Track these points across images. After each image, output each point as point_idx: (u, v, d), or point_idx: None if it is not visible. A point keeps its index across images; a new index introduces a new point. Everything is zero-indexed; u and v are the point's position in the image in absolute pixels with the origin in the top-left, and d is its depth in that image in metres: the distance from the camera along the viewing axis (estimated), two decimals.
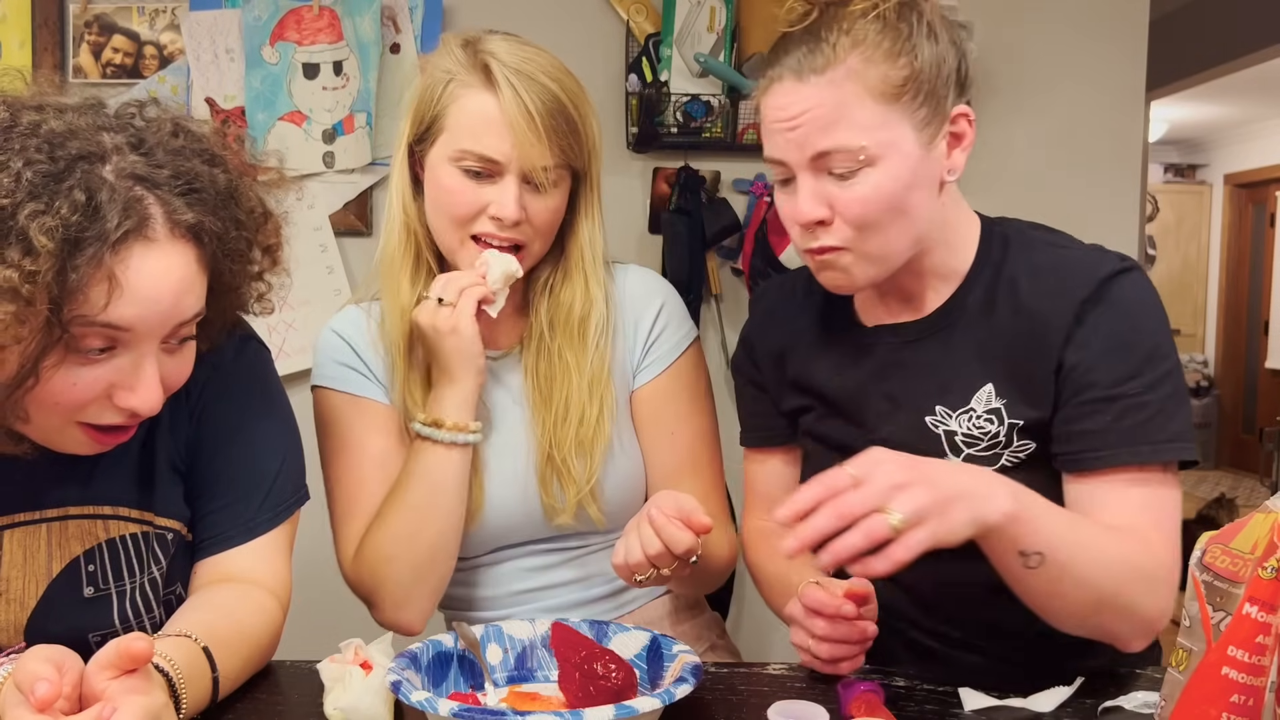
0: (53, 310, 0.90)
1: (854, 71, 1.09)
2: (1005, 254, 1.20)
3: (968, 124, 1.16)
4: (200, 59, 2.53)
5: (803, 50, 1.11)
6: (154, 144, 0.99)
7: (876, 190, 1.10)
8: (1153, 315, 1.14)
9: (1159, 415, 1.10)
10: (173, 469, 1.15)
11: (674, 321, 1.42)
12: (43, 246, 0.88)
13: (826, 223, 1.13)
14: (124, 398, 0.98)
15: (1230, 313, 8.47)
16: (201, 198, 0.99)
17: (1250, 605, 0.81)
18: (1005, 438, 1.16)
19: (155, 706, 0.85)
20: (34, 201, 0.90)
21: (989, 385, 1.17)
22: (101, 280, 0.92)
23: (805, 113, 1.10)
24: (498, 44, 1.28)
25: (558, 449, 1.32)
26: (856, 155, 1.09)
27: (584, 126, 1.30)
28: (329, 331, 1.39)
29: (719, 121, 2.50)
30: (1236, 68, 4.49)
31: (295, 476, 1.21)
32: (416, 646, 1.07)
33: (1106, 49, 2.55)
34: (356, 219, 2.59)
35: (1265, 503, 0.84)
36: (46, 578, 1.09)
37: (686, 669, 1.00)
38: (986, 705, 1.05)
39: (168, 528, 1.14)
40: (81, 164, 0.93)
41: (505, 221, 1.26)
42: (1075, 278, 1.14)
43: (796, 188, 1.14)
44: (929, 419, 1.19)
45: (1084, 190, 2.54)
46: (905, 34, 1.11)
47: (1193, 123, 7.74)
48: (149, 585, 1.14)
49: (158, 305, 0.96)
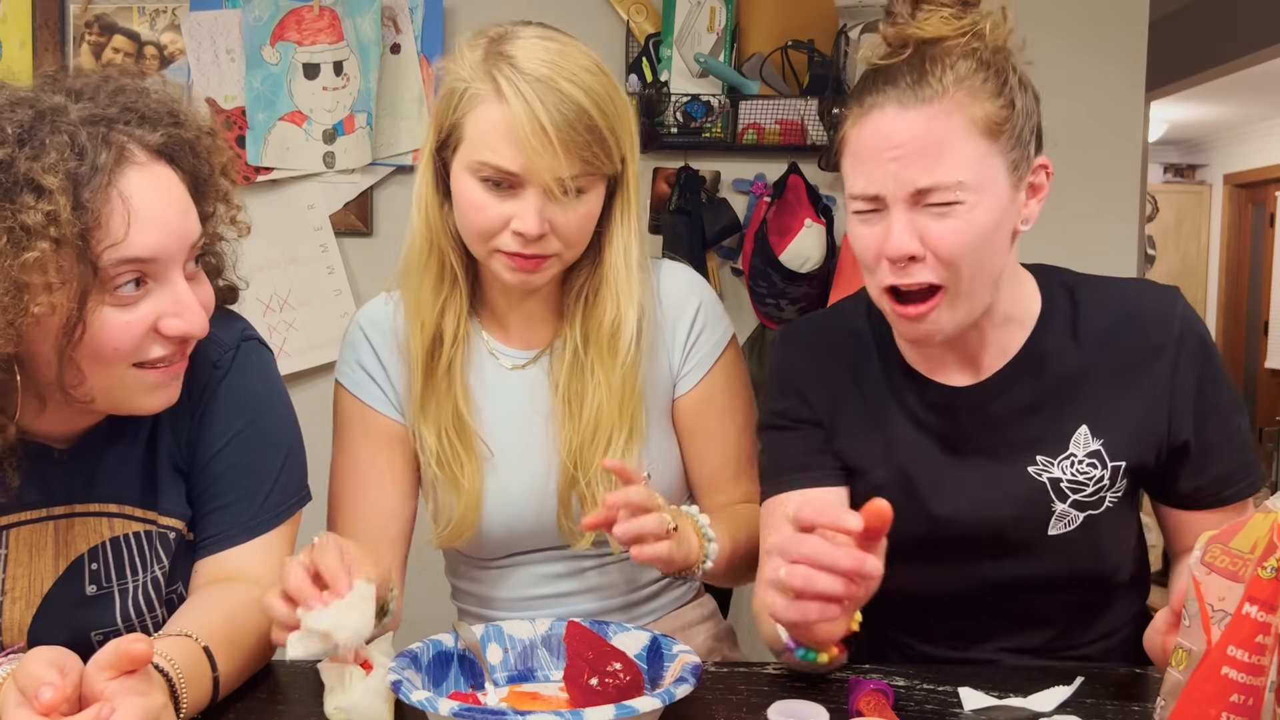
0: (80, 250, 0.94)
1: (960, 104, 1.09)
2: (1073, 297, 1.22)
3: (1046, 176, 1.17)
4: (201, 59, 2.53)
5: (907, 80, 1.09)
6: (91, 92, 1.03)
7: (971, 225, 1.09)
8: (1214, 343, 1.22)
9: (1250, 442, 1.21)
10: (175, 468, 1.15)
11: (711, 321, 1.38)
12: (51, 185, 0.93)
13: (918, 258, 1.10)
14: (171, 325, 1.02)
15: (1230, 313, 8.47)
16: (154, 124, 1.03)
17: (1250, 605, 0.81)
18: (1110, 480, 1.19)
19: (154, 707, 0.86)
20: (26, 148, 0.94)
21: (1083, 426, 1.18)
22: (114, 208, 0.96)
23: (910, 141, 1.08)
24: (520, 46, 1.21)
25: (583, 471, 1.29)
26: (957, 189, 1.08)
27: (613, 131, 1.23)
28: (355, 325, 1.38)
29: (719, 121, 2.50)
30: (1236, 68, 4.49)
31: (297, 476, 1.21)
32: (417, 646, 1.07)
33: (1106, 49, 2.55)
34: (357, 219, 2.59)
35: (1265, 502, 0.84)
36: (52, 575, 1.10)
37: (686, 669, 1.00)
38: (986, 705, 1.05)
39: (170, 527, 1.15)
40: (49, 114, 0.97)
41: (528, 236, 1.21)
42: (1154, 316, 1.19)
43: (886, 220, 1.10)
44: (1031, 469, 1.19)
45: (1084, 190, 2.54)
46: (1002, 77, 1.11)
47: (1192, 123, 7.74)
48: (151, 584, 1.14)
49: (168, 226, 1.01)
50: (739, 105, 2.50)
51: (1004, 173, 1.11)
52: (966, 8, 1.13)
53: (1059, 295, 1.22)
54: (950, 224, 1.08)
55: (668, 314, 1.36)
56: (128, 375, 1.02)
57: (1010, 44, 1.15)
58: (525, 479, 1.32)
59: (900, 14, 1.14)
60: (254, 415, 1.18)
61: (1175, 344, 1.18)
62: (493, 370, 1.35)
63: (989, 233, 1.10)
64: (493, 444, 1.33)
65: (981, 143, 1.09)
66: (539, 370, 1.35)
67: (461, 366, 1.33)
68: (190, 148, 1.06)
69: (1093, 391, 1.19)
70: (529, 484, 1.32)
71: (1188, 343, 1.18)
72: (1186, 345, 1.18)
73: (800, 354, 1.29)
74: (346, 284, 2.58)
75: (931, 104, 1.08)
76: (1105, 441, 1.18)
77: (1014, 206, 1.13)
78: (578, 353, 1.31)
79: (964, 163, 1.08)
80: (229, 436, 1.16)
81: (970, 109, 1.09)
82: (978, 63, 1.11)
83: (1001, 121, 1.10)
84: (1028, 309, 1.21)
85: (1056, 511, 1.19)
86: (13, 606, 1.09)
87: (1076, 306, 1.21)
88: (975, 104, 1.09)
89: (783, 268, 2.40)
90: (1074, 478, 1.18)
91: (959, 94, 1.09)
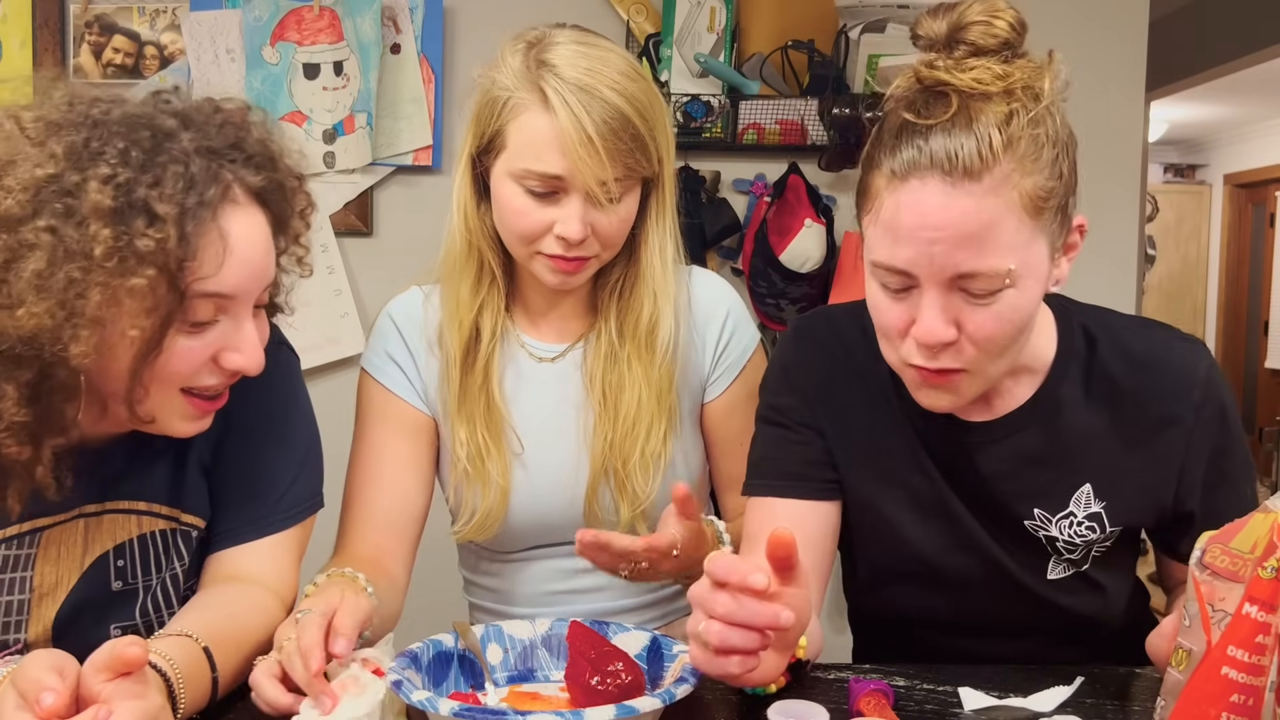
0: (174, 278, 0.97)
1: (1009, 179, 0.97)
2: (1092, 345, 1.15)
3: (1080, 236, 1.08)
4: (201, 59, 2.53)
5: (951, 146, 0.96)
6: (202, 121, 1.05)
7: (1014, 312, 1.00)
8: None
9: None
10: (200, 467, 1.17)
11: (740, 327, 1.40)
12: (165, 214, 0.96)
13: (949, 344, 1.02)
14: (231, 359, 1.05)
15: (1230, 313, 8.47)
16: (257, 165, 1.05)
17: (1250, 605, 0.81)
18: (1100, 540, 1.16)
19: (152, 709, 0.86)
20: (146, 175, 0.97)
21: (1087, 485, 1.14)
22: (211, 243, 0.99)
23: (955, 224, 0.96)
24: (560, 53, 1.22)
25: (622, 463, 1.30)
26: (1003, 279, 0.98)
27: (652, 135, 1.25)
28: (386, 315, 1.40)
29: (719, 121, 2.50)
30: (1236, 68, 4.49)
31: (312, 483, 1.22)
32: (417, 646, 1.07)
33: (1106, 49, 2.55)
34: (357, 219, 2.59)
35: (1265, 502, 0.84)
36: (77, 571, 1.11)
37: (686, 669, 1.00)
38: (986, 705, 1.05)
39: (193, 525, 1.16)
40: (166, 141, 1.00)
41: (571, 240, 1.23)
42: (1176, 378, 1.13)
43: (915, 299, 1.01)
44: (1028, 523, 1.15)
45: (1084, 190, 2.53)
46: (1052, 137, 0.99)
47: (1193, 123, 7.74)
48: (170, 581, 1.16)
49: (253, 267, 1.04)
50: (739, 105, 2.50)
51: (1046, 249, 1.02)
52: (1011, 54, 1.01)
53: (1078, 341, 1.16)
54: (992, 312, 1.00)
55: (698, 320, 1.38)
56: (173, 399, 1.05)
57: (1059, 90, 1.02)
58: (554, 470, 1.34)
59: (935, 54, 1.02)
60: (275, 417, 1.20)
61: (1194, 414, 1.12)
62: (524, 363, 1.37)
63: (1025, 313, 1.02)
64: (523, 436, 1.34)
65: (1028, 224, 0.98)
66: (569, 364, 1.36)
67: (497, 362, 1.34)
68: (282, 192, 1.09)
69: (1101, 450, 1.14)
70: (558, 475, 1.34)
71: (1206, 413, 1.12)
72: (1204, 416, 1.12)
73: (812, 354, 1.24)
74: (346, 284, 2.58)
75: (981, 181, 0.96)
76: (1107, 505, 1.14)
77: (1051, 275, 1.05)
78: (613, 346, 1.33)
79: (1010, 250, 0.97)
80: (250, 436, 1.18)
81: (1019, 184, 0.97)
82: (1027, 123, 0.98)
83: (1048, 195, 0.99)
84: (1042, 354, 1.15)
85: (1051, 561, 1.18)
86: (39, 604, 1.09)
87: (1094, 355, 1.15)
88: (1024, 178, 0.97)
89: (783, 268, 2.40)
90: (1070, 539, 1.15)
91: (1008, 166, 0.96)
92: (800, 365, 1.24)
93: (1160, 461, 1.13)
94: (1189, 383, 1.12)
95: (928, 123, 0.98)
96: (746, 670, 0.89)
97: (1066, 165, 1.02)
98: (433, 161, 2.56)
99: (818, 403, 1.22)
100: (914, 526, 1.19)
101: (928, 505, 1.19)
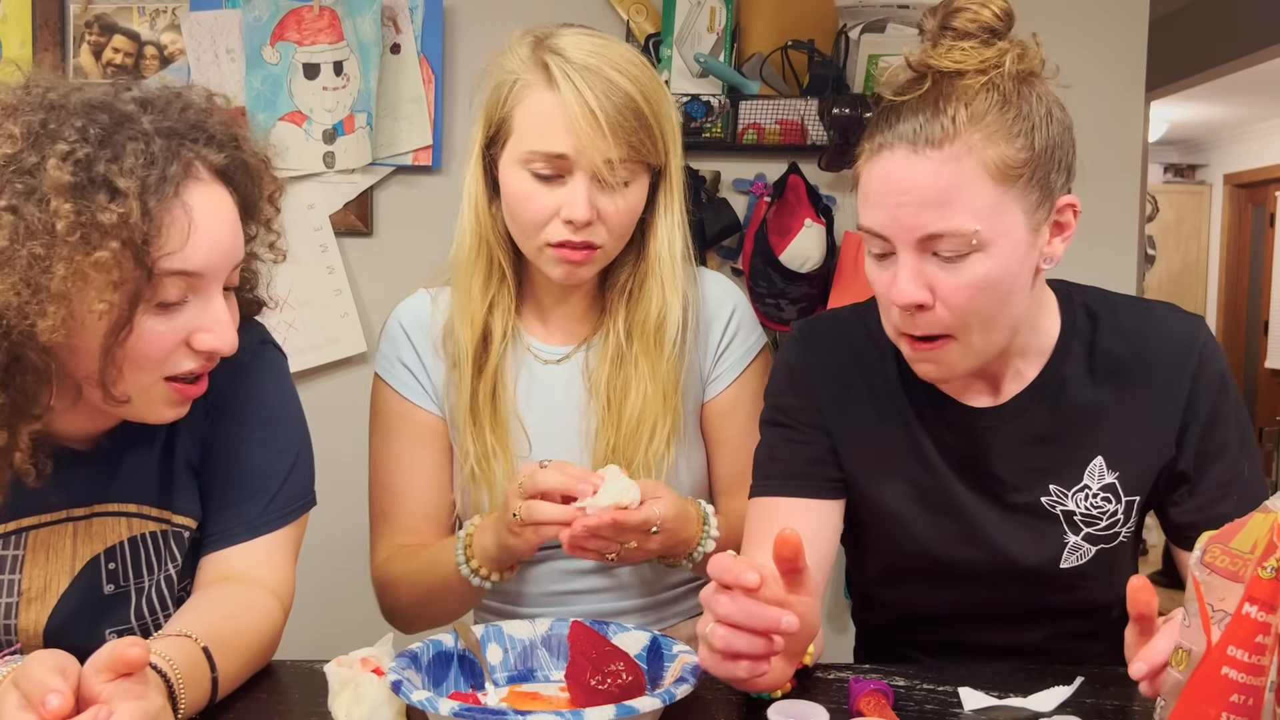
0: (140, 254, 0.98)
1: (973, 148, 1.03)
2: (1094, 323, 1.19)
3: (1073, 215, 1.12)
4: (201, 59, 2.53)
5: (918, 120, 1.03)
6: (163, 105, 1.05)
7: (985, 277, 1.04)
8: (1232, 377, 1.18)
9: (1259, 485, 1.17)
10: (189, 467, 1.17)
11: (744, 329, 1.40)
12: (127, 188, 0.96)
13: (926, 307, 1.06)
14: (203, 340, 1.05)
15: (1230, 313, 8.47)
16: (219, 144, 1.06)
17: (1250, 605, 0.81)
18: (1124, 515, 1.18)
19: (152, 709, 0.86)
20: (105, 150, 0.98)
21: (1099, 458, 1.16)
22: (176, 219, 1.00)
23: (917, 188, 1.03)
24: (566, 40, 1.25)
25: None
26: (969, 239, 1.03)
27: (658, 122, 1.26)
28: (395, 320, 1.41)
29: (719, 121, 2.50)
30: (1236, 68, 4.49)
31: (304, 480, 1.22)
32: (417, 646, 1.07)
33: (1106, 49, 2.55)
34: (357, 219, 2.59)
35: (1265, 502, 0.84)
36: (68, 575, 1.11)
37: (686, 669, 1.00)
38: (986, 705, 1.05)
39: (184, 526, 1.16)
40: (126, 122, 1.00)
41: (577, 223, 1.23)
42: (1174, 346, 1.16)
43: (895, 265, 1.07)
44: (1044, 499, 1.17)
45: (1084, 190, 2.53)
46: (1025, 112, 1.05)
47: (1193, 123, 7.74)
48: (164, 582, 1.16)
49: (220, 244, 1.04)
50: (739, 105, 2.49)
51: (1021, 217, 1.05)
52: (994, 38, 1.07)
53: (1080, 320, 1.19)
54: (963, 276, 1.04)
55: (703, 318, 1.38)
56: (156, 386, 1.05)
57: (1042, 72, 1.08)
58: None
59: (926, 38, 1.09)
60: (265, 417, 1.19)
61: (1191, 377, 1.15)
62: (530, 365, 1.37)
63: (1005, 282, 1.06)
64: (530, 438, 1.35)
65: (995, 190, 1.03)
66: (574, 365, 1.37)
67: (507, 366, 1.35)
68: (247, 172, 1.09)
69: (1109, 423, 1.17)
70: None
71: (1204, 377, 1.15)
72: (1201, 382, 1.15)
73: (817, 354, 1.26)
74: (346, 284, 2.57)
75: (941, 148, 1.02)
76: (1120, 475, 1.16)
77: (1033, 249, 1.08)
78: (620, 346, 1.33)
79: (975, 212, 1.02)
80: (239, 435, 1.18)
81: (983, 152, 1.03)
82: (998, 99, 1.04)
83: (1019, 165, 1.04)
84: (1048, 335, 1.18)
85: (1069, 544, 1.18)
86: (28, 608, 1.09)
87: (1096, 333, 1.18)
88: (990, 147, 1.03)
89: (783, 268, 2.40)
90: (1088, 511, 1.16)
91: (972, 136, 1.03)
92: (804, 366, 1.25)
93: (1162, 427, 1.17)
94: (1185, 350, 1.16)
95: (903, 99, 1.06)
96: (754, 675, 0.91)
97: (1042, 141, 1.06)
98: (433, 161, 2.56)
99: (823, 403, 1.23)
100: (922, 523, 1.21)
101: (936, 501, 1.20)
